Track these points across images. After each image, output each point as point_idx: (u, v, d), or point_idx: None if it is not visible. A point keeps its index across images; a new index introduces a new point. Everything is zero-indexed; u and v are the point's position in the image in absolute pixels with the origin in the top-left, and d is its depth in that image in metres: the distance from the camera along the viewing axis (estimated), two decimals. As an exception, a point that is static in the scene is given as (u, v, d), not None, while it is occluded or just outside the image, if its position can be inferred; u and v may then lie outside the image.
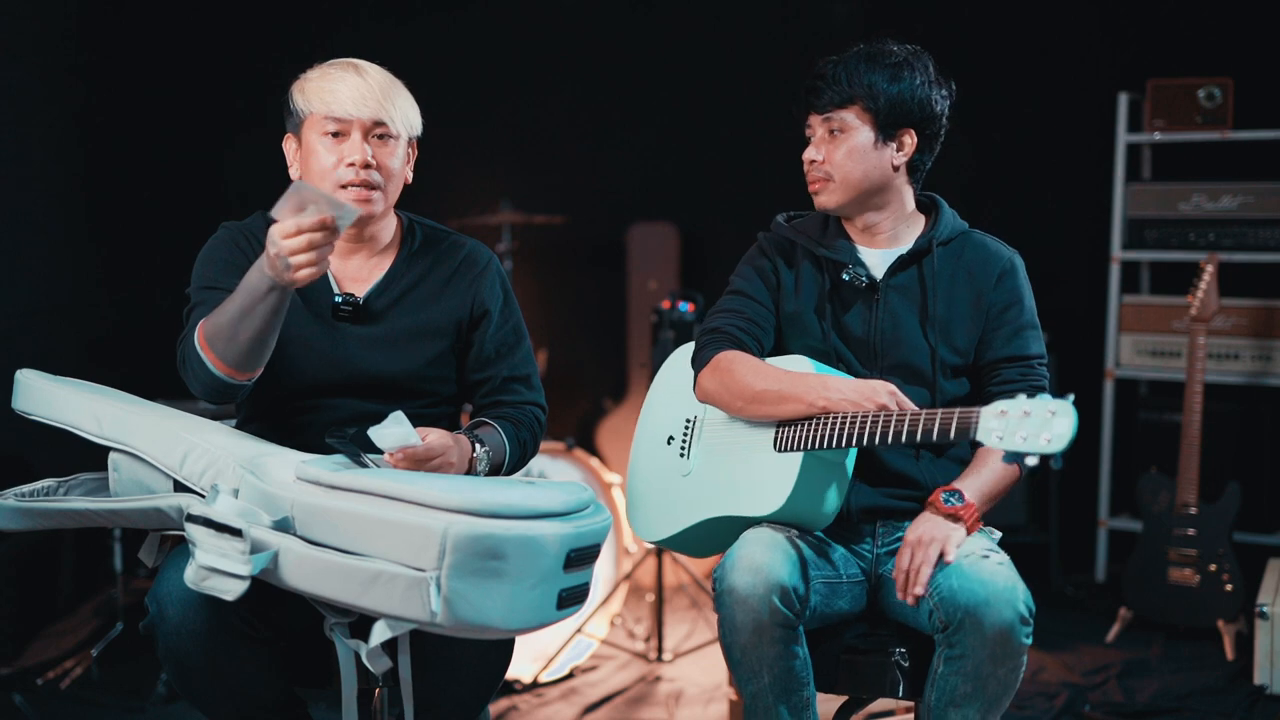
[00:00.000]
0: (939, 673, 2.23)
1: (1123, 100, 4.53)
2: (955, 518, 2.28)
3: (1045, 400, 2.03)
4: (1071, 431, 1.99)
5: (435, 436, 2.22)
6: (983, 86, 4.56)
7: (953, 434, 2.14)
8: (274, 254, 2.06)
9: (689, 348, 2.62)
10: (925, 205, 2.56)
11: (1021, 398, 2.06)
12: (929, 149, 2.49)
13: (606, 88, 5.16)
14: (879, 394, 2.28)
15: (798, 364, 2.43)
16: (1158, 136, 4.49)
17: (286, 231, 2.05)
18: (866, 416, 2.25)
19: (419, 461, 2.18)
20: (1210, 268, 4.05)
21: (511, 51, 5.17)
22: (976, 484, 2.36)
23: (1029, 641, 2.21)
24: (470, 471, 2.29)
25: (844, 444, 2.27)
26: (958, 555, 2.26)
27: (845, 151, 2.44)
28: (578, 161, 5.21)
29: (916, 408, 2.26)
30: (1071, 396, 2.02)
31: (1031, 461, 2.03)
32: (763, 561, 2.23)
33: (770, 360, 2.48)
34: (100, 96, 4.42)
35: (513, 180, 4.93)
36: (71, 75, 4.34)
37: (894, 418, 2.22)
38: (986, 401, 2.34)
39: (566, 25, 5.15)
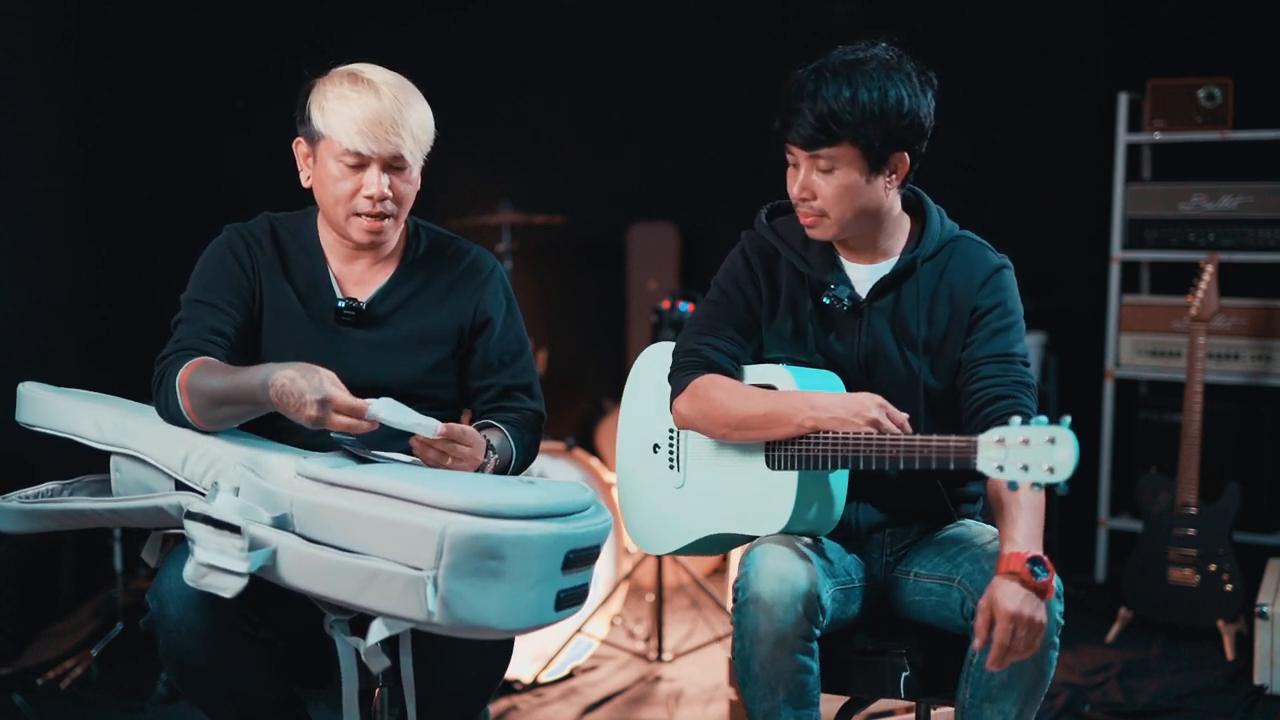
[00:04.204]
0: (975, 663, 2.20)
1: (1123, 100, 4.52)
2: (1044, 592, 2.11)
3: (1043, 426, 1.99)
4: (1074, 459, 1.96)
5: (471, 431, 2.24)
6: (983, 86, 4.59)
7: (951, 464, 2.10)
8: (315, 399, 2.09)
9: (660, 347, 2.57)
10: (910, 203, 2.43)
11: (1016, 422, 2.01)
12: (920, 159, 2.36)
13: (606, 88, 5.16)
14: (868, 409, 2.22)
15: (779, 376, 2.37)
16: (1158, 136, 4.49)
17: (343, 423, 2.10)
18: (860, 439, 2.19)
19: (454, 444, 2.20)
20: (1210, 268, 4.05)
21: (511, 51, 5.16)
22: (1035, 533, 2.16)
23: (1061, 621, 2.18)
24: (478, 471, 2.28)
25: (838, 467, 2.24)
26: (982, 542, 2.28)
27: (836, 190, 2.29)
28: (578, 161, 5.21)
29: (908, 424, 2.22)
30: (1068, 419, 1.98)
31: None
32: (788, 570, 2.20)
33: (750, 369, 2.43)
34: (100, 96, 4.42)
35: (513, 180, 4.92)
36: (71, 75, 4.34)
37: (888, 443, 2.16)
38: (967, 403, 2.34)
39: (566, 25, 5.15)
